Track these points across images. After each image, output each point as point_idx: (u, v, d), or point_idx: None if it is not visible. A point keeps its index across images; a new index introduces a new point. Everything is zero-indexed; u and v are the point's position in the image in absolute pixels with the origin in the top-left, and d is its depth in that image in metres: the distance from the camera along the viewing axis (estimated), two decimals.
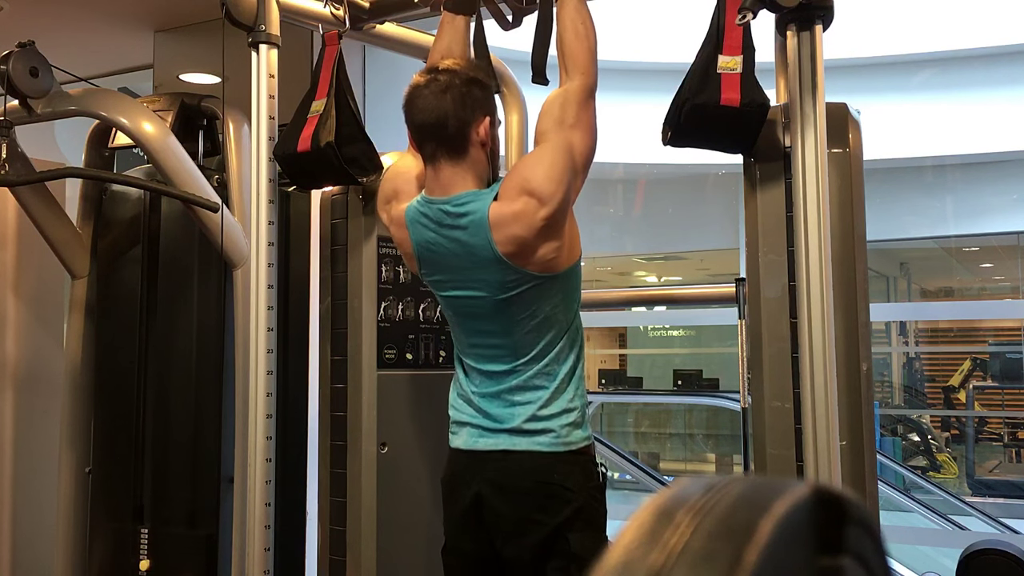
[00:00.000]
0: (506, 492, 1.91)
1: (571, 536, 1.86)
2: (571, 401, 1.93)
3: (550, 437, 1.90)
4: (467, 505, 1.96)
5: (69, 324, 2.99)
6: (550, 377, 1.92)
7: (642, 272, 13.47)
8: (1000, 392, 11.52)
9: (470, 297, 1.94)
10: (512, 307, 1.90)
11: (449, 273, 1.95)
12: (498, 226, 1.84)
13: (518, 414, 1.92)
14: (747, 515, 0.50)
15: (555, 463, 1.89)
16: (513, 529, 1.91)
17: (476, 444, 1.96)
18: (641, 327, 13.29)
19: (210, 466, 2.72)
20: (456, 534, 2.02)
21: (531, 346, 1.92)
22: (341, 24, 2.48)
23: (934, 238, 10.67)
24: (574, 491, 1.88)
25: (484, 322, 1.95)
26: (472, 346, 1.99)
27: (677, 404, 10.82)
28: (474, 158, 1.92)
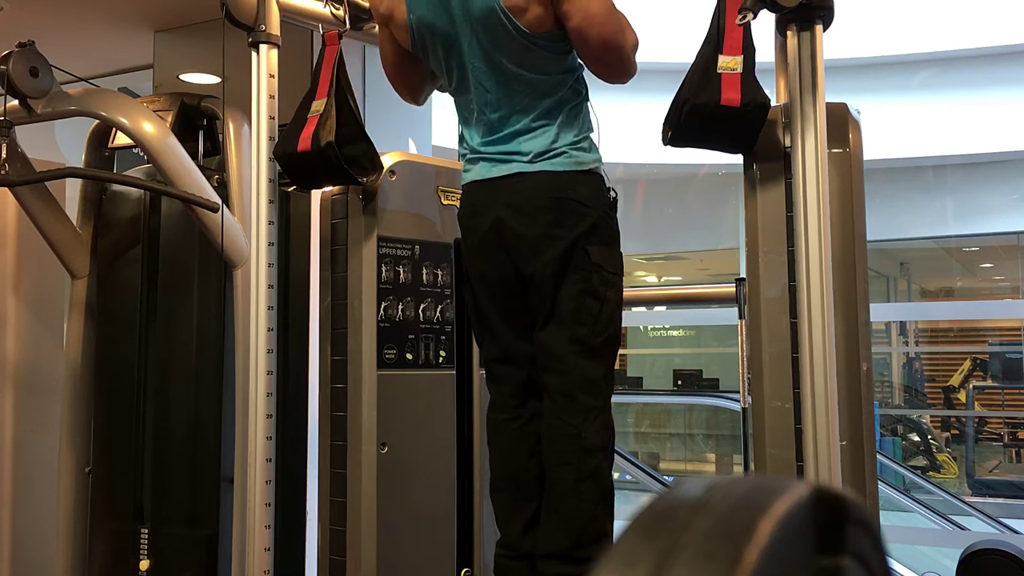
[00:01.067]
0: (524, 211, 1.98)
1: (589, 248, 1.95)
2: (579, 133, 2.01)
3: (563, 158, 1.97)
4: (486, 229, 2.03)
5: (69, 324, 2.99)
6: (553, 117, 1.99)
7: (642, 272, 13.47)
8: (1000, 392, 11.52)
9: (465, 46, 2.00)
10: (507, 53, 1.97)
11: (444, 26, 2.01)
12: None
13: (528, 149, 1.99)
14: (747, 515, 0.50)
15: (569, 180, 1.97)
16: (533, 245, 1.98)
17: (491, 172, 2.03)
18: (641, 327, 13.29)
19: (210, 466, 2.71)
20: (477, 261, 2.10)
21: (529, 91, 1.99)
22: (341, 24, 2.48)
23: (934, 238, 10.67)
24: (589, 206, 1.97)
25: (480, 69, 2.01)
26: (469, 93, 2.05)
27: (677, 404, 10.81)
28: None
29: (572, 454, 1.96)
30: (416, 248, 2.55)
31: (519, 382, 2.09)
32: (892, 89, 8.51)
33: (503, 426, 2.12)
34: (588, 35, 1.94)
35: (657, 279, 13.84)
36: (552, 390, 2.01)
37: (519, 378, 2.09)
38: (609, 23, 1.95)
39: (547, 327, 2.00)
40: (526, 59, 1.97)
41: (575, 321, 1.96)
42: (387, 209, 2.47)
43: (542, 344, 2.01)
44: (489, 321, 2.11)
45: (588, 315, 1.95)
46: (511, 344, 2.09)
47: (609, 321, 1.98)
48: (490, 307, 2.10)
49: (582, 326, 1.96)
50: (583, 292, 1.95)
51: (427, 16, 2.04)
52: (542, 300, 1.99)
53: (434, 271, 2.59)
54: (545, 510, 2.02)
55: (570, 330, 1.96)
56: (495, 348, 2.12)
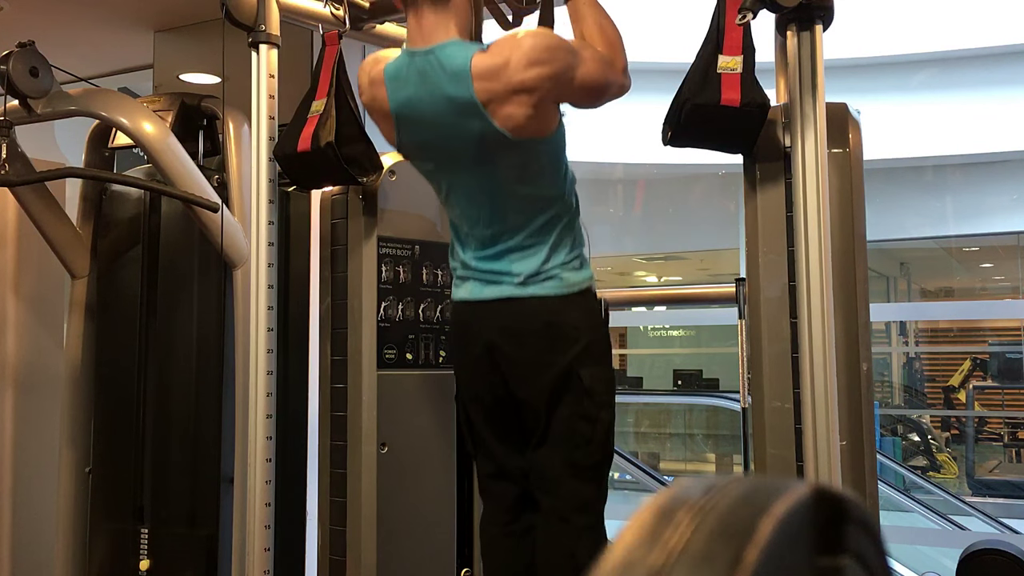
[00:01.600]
0: (517, 336, 1.96)
1: (582, 372, 1.93)
2: (570, 252, 1.98)
3: (554, 282, 1.95)
4: (479, 352, 2.01)
5: (69, 324, 2.99)
6: (545, 235, 1.95)
7: (642, 272, 13.47)
8: (1000, 392, 11.51)
9: (452, 155, 1.94)
10: (495, 167, 1.91)
11: (428, 130, 1.94)
12: (479, 75, 1.83)
13: (519, 270, 1.96)
14: (747, 515, 0.50)
15: (561, 305, 1.95)
16: (526, 371, 1.97)
17: (482, 294, 2.00)
18: (641, 327, 13.28)
19: (210, 466, 2.71)
20: (470, 380, 2.08)
21: (520, 209, 1.94)
22: (341, 24, 2.48)
23: (934, 238, 10.67)
24: (581, 329, 1.95)
25: (470, 183, 1.96)
26: (460, 208, 2.01)
27: (677, 404, 10.81)
28: (457, 5, 1.92)
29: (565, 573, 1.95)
30: (416, 248, 2.55)
31: (513, 497, 2.08)
32: (892, 89, 8.50)
33: (498, 542, 2.11)
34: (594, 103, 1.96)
35: (657, 279, 13.84)
36: (545, 509, 2.00)
37: (513, 493, 2.08)
38: (608, 81, 1.92)
39: (541, 448, 1.98)
40: (520, 173, 1.92)
41: (569, 444, 1.95)
42: (387, 209, 2.47)
43: (535, 464, 2.00)
44: (482, 438, 2.10)
45: (581, 438, 1.94)
46: (505, 460, 2.07)
47: (602, 442, 1.97)
48: (483, 425, 2.08)
49: (576, 449, 1.95)
50: (576, 416, 1.93)
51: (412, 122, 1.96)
52: (535, 422, 1.98)
53: (434, 271, 2.59)
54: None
55: (564, 453, 1.95)
56: (489, 464, 2.11)
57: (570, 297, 1.95)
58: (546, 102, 1.87)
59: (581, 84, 1.88)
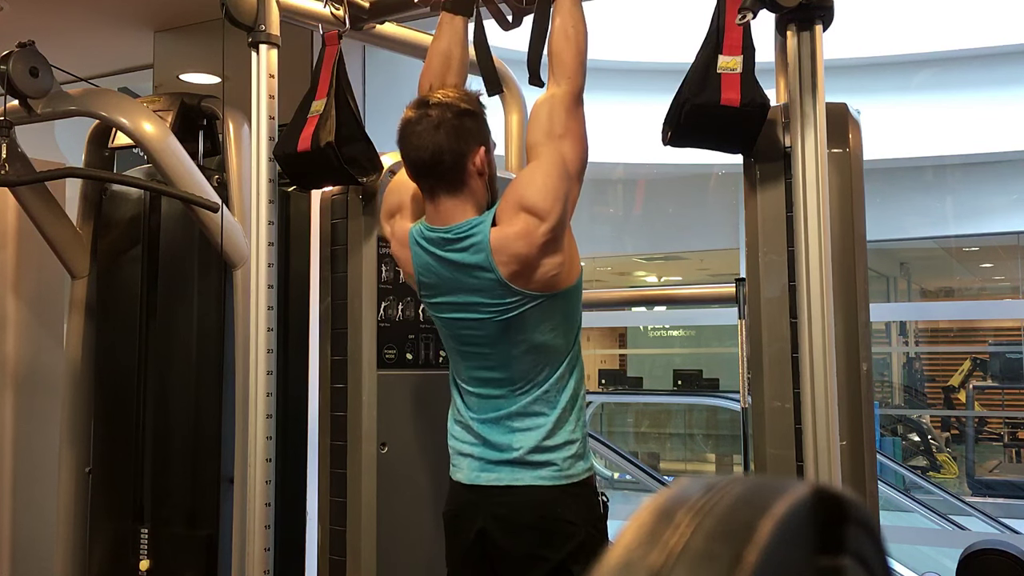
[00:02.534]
0: (510, 527, 1.92)
1: (575, 569, 1.87)
2: (572, 432, 1.93)
3: (552, 470, 1.90)
4: (471, 540, 1.96)
5: (69, 324, 2.99)
6: (551, 405, 1.92)
7: (642, 272, 13.47)
8: (1000, 392, 11.52)
9: (469, 319, 1.93)
10: (511, 330, 1.90)
11: (449, 295, 1.94)
12: (500, 249, 1.84)
13: (519, 443, 1.91)
14: (747, 515, 0.50)
15: (558, 496, 1.90)
16: (518, 564, 1.92)
17: (478, 479, 1.95)
18: (641, 327, 13.29)
19: (210, 466, 2.72)
20: (459, 567, 2.03)
21: (530, 371, 1.91)
22: (341, 24, 2.48)
23: (934, 238, 10.67)
24: (577, 524, 1.89)
25: (482, 346, 1.94)
26: (469, 370, 1.98)
27: (677, 404, 10.82)
28: (473, 188, 1.92)
29: None
30: None
31: None
32: (892, 89, 8.51)
33: None
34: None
35: (657, 279, 13.84)
36: None
37: None
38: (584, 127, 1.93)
39: None
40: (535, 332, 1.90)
41: None
42: None
43: None
44: None
45: None
46: None
47: None
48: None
49: None
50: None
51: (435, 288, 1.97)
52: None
53: None
54: None
55: None
56: None
57: (568, 488, 1.90)
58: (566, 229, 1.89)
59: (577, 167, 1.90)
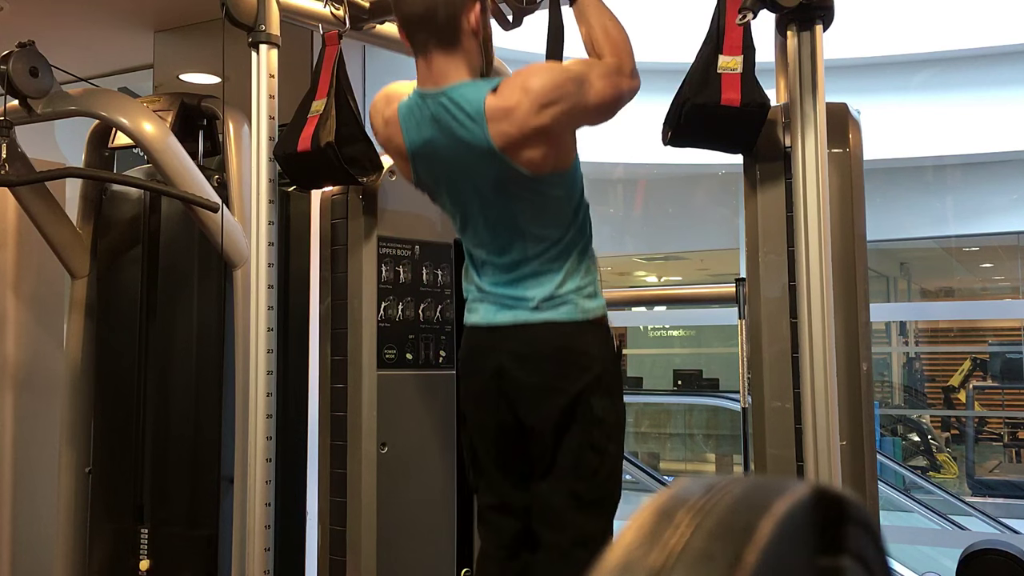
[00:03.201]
0: (528, 362, 1.93)
1: (593, 401, 1.89)
2: (584, 278, 1.95)
3: (568, 307, 1.92)
4: (488, 377, 1.98)
5: (69, 324, 2.99)
6: (560, 262, 1.93)
7: (642, 272, 13.47)
8: (1000, 392, 11.51)
9: (469, 192, 1.94)
10: (512, 201, 1.90)
11: (445, 169, 1.94)
12: (493, 119, 1.82)
13: (533, 295, 1.93)
14: (747, 515, 0.50)
15: (574, 332, 1.92)
16: (536, 397, 1.93)
17: (495, 319, 1.97)
18: (641, 327, 13.28)
19: (210, 466, 2.72)
20: (476, 408, 2.05)
21: (537, 237, 1.93)
22: (341, 24, 2.48)
23: (934, 238, 10.67)
24: (594, 357, 1.92)
25: (486, 216, 1.95)
26: (477, 237, 1.99)
27: (677, 404, 10.81)
28: (466, 47, 1.90)
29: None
30: (416, 248, 2.55)
31: (513, 532, 2.03)
32: (892, 89, 8.51)
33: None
34: (608, 118, 1.93)
35: (657, 279, 13.84)
36: (546, 544, 1.95)
37: (513, 529, 2.03)
38: (619, 95, 1.90)
39: (545, 479, 1.94)
40: (532, 203, 1.91)
41: (574, 475, 1.91)
42: (387, 209, 2.47)
43: (539, 496, 1.96)
44: (485, 468, 2.06)
45: (588, 469, 1.91)
46: (508, 493, 2.03)
47: (609, 475, 1.93)
48: (487, 454, 2.05)
49: (581, 480, 1.91)
50: (584, 446, 1.90)
51: (428, 161, 1.96)
52: (542, 451, 1.94)
53: (434, 271, 2.59)
54: None
55: (569, 484, 1.91)
56: (491, 496, 2.06)
57: (584, 324, 1.92)
58: (563, 136, 1.87)
59: (596, 107, 1.87)
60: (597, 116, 1.90)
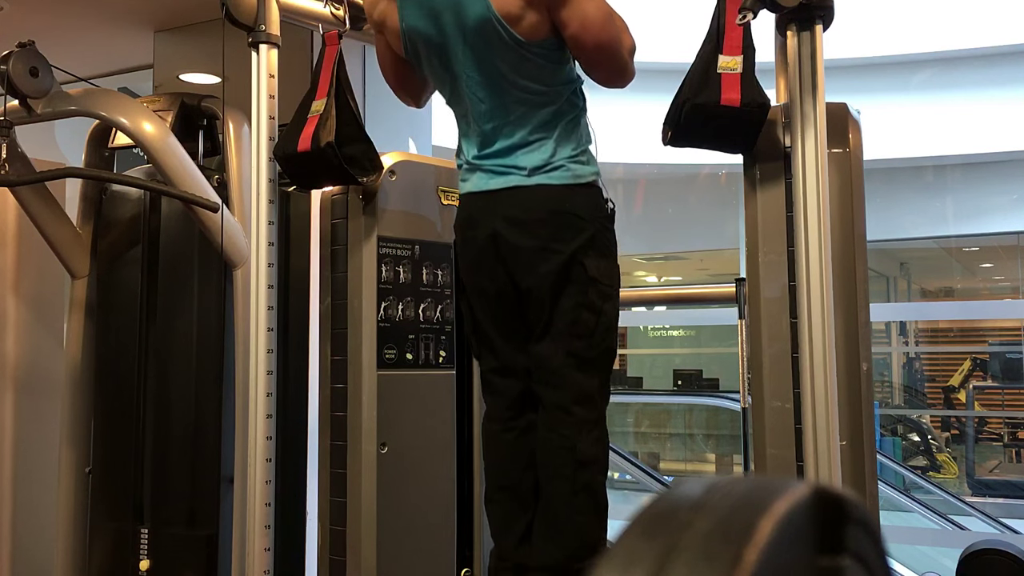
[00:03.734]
0: (522, 224, 1.97)
1: (587, 261, 1.93)
2: (576, 147, 1.99)
3: (560, 171, 1.96)
4: (483, 242, 2.02)
5: (69, 324, 2.99)
6: (550, 130, 1.97)
7: (642, 272, 13.47)
8: (1000, 392, 11.52)
9: (454, 46, 1.98)
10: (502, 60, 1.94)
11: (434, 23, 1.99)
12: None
13: (526, 164, 1.97)
14: (747, 515, 0.50)
15: (567, 194, 1.96)
16: (531, 259, 1.97)
17: (488, 184, 2.01)
18: (641, 327, 13.28)
19: (210, 466, 2.71)
20: (474, 274, 2.09)
21: (523, 100, 1.97)
22: (341, 24, 2.48)
23: (934, 238, 10.67)
24: (587, 219, 1.96)
25: (475, 77, 1.98)
26: (466, 104, 2.03)
27: (677, 404, 10.81)
28: None
29: (566, 467, 1.95)
30: (416, 248, 2.55)
31: (515, 393, 2.09)
32: (892, 89, 8.51)
33: (498, 437, 2.11)
34: (585, 41, 1.93)
35: (657, 279, 13.84)
36: (547, 403, 2.00)
37: (515, 389, 2.08)
38: (606, 29, 1.93)
39: (543, 340, 1.99)
40: (522, 69, 1.95)
41: (571, 334, 1.95)
42: (387, 209, 2.47)
43: (538, 357, 2.01)
44: (486, 333, 2.11)
45: (585, 328, 1.95)
46: (508, 356, 2.08)
47: (605, 334, 1.97)
48: (487, 319, 2.10)
49: (578, 339, 1.95)
50: (580, 305, 1.94)
51: (419, 25, 2.02)
52: (539, 313, 1.99)
53: (434, 271, 2.59)
54: (539, 523, 2.02)
55: (566, 343, 1.96)
56: (492, 359, 2.12)
57: (576, 188, 1.96)
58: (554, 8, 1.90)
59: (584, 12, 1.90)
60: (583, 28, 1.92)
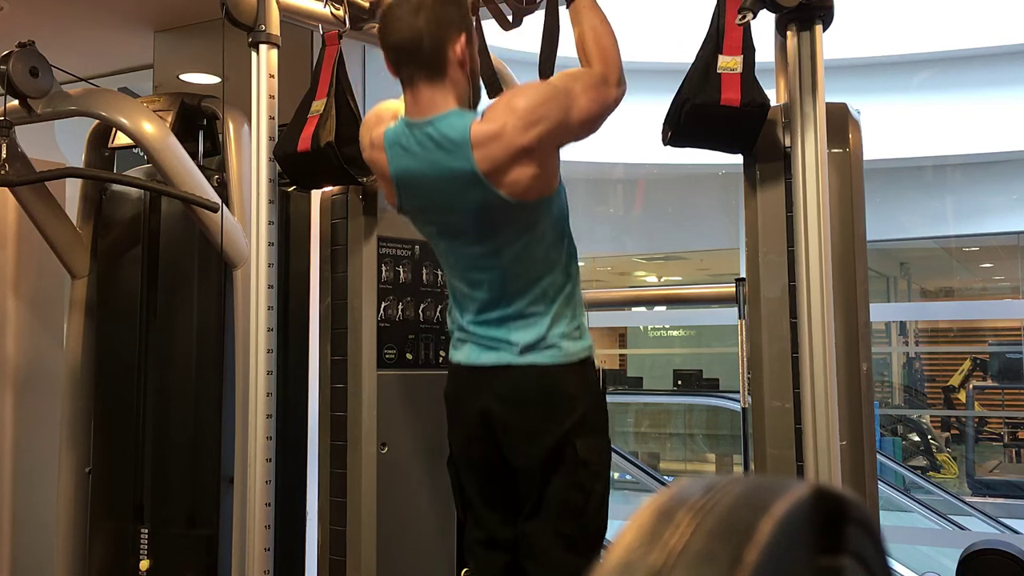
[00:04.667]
0: (513, 403, 1.94)
1: (578, 442, 1.90)
2: (570, 323, 1.94)
3: (553, 351, 1.92)
4: (474, 417, 1.98)
5: (69, 324, 2.99)
6: (546, 305, 1.92)
7: (642, 272, 13.47)
8: (1000, 392, 11.52)
9: (453, 222, 1.93)
10: (496, 231, 1.89)
11: (429, 198, 1.92)
12: (479, 144, 1.81)
13: (517, 340, 1.93)
14: (747, 515, 0.50)
15: (559, 374, 1.92)
16: (522, 439, 1.94)
17: (479, 360, 1.97)
18: (641, 327, 13.28)
19: (210, 466, 2.72)
20: (463, 444, 2.05)
21: (522, 273, 1.92)
22: (341, 24, 2.48)
23: (934, 238, 10.67)
24: (578, 397, 1.92)
25: (470, 247, 1.93)
26: (461, 270, 1.98)
27: (677, 404, 10.81)
28: (453, 78, 1.88)
29: None
30: (416, 248, 2.55)
31: (501, 566, 2.03)
32: (892, 89, 8.51)
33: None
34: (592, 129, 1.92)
35: (657, 279, 13.84)
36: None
37: (501, 562, 2.03)
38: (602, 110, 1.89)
39: (533, 518, 1.95)
40: (515, 236, 1.89)
41: (561, 515, 1.91)
42: (387, 209, 2.47)
43: (527, 534, 1.97)
44: (474, 504, 2.07)
45: (574, 509, 1.91)
46: (495, 528, 2.04)
47: (595, 514, 1.93)
48: (475, 491, 2.05)
49: (568, 520, 1.92)
50: (570, 486, 1.91)
51: (412, 189, 1.94)
52: (528, 490, 1.95)
53: (434, 271, 2.59)
54: None
55: (555, 523, 1.92)
56: (479, 531, 2.07)
57: (568, 366, 1.92)
58: (549, 157, 1.86)
59: (580, 123, 1.86)
60: (582, 130, 1.89)
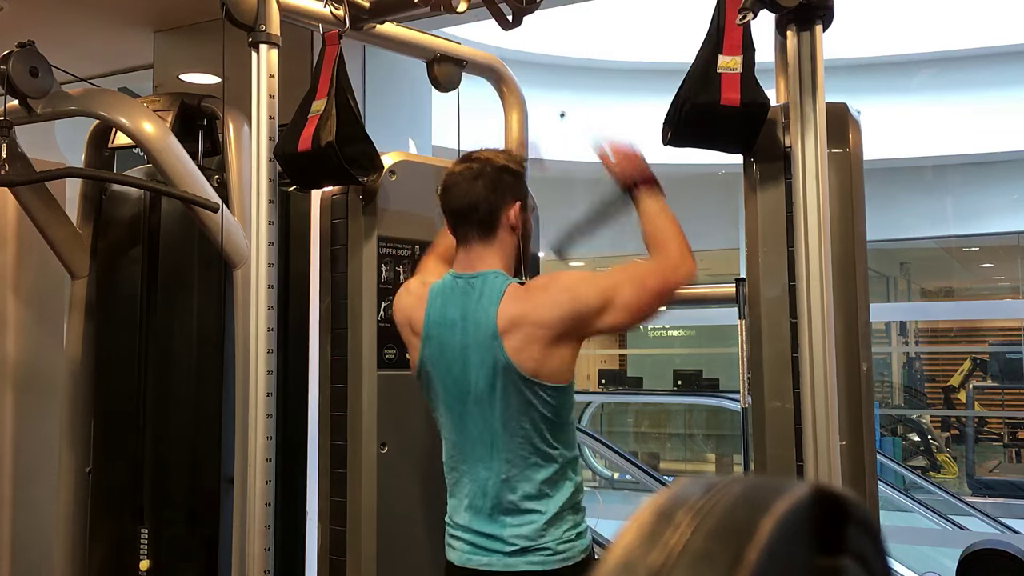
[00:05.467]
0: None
1: None
2: (569, 529, 1.95)
3: (546, 554, 1.92)
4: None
5: (69, 324, 2.99)
6: (544, 501, 1.93)
7: None
8: (1000, 392, 11.52)
9: (462, 379, 1.95)
10: (503, 402, 1.91)
11: (447, 350, 1.97)
12: (506, 301, 1.90)
13: (514, 540, 1.92)
14: (747, 515, 0.50)
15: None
16: None
17: (470, 562, 1.97)
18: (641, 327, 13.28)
19: (210, 466, 2.72)
20: None
21: (523, 457, 1.92)
22: (341, 24, 2.48)
23: (934, 238, 10.68)
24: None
25: (474, 415, 1.95)
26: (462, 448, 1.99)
27: (677, 404, 10.81)
28: (502, 239, 2.00)
29: None
30: (416, 248, 2.55)
31: None
32: (892, 89, 8.51)
33: None
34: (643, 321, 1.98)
35: None
36: None
37: None
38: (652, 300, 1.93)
39: None
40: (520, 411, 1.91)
41: None
42: (387, 209, 2.47)
43: None
44: None
45: None
46: None
47: None
48: None
49: None
50: None
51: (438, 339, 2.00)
52: None
53: None
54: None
55: None
56: None
57: (561, 571, 1.92)
58: (561, 342, 1.89)
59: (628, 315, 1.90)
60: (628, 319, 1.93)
